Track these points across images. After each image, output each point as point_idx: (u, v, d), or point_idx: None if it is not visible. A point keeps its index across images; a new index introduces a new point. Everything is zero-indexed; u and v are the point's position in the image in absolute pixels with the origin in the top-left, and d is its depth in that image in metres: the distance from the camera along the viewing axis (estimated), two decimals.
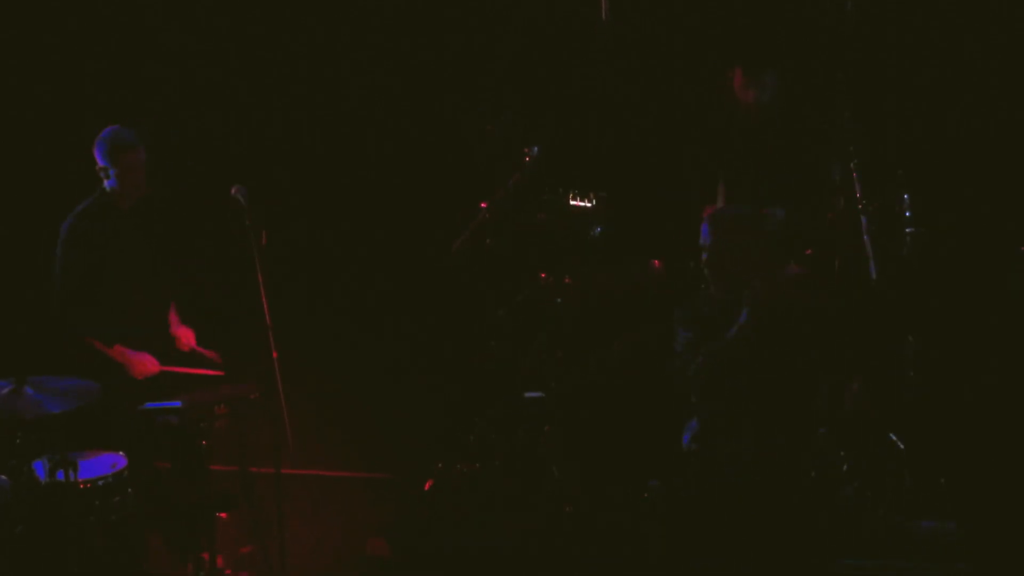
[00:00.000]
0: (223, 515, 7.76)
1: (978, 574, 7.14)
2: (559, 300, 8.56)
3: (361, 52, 9.68)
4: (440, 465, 8.57)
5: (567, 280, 8.51)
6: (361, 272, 9.68)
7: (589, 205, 8.55)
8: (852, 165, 8.23)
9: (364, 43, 9.67)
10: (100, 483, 7.17)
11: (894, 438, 7.89)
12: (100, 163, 8.02)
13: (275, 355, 7.67)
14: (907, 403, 7.90)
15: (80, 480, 7.04)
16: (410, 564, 7.88)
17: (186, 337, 8.25)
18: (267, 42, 9.74)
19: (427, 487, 8.49)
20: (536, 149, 8.47)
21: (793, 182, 8.35)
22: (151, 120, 8.38)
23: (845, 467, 7.49)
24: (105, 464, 7.30)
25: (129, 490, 7.28)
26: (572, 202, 8.56)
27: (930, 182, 8.58)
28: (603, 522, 7.85)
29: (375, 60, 9.67)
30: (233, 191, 7.75)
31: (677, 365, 6.86)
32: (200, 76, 9.73)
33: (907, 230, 8.29)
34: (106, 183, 8.05)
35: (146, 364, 8.03)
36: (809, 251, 8.21)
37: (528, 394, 8.61)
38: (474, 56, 9.54)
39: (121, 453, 7.41)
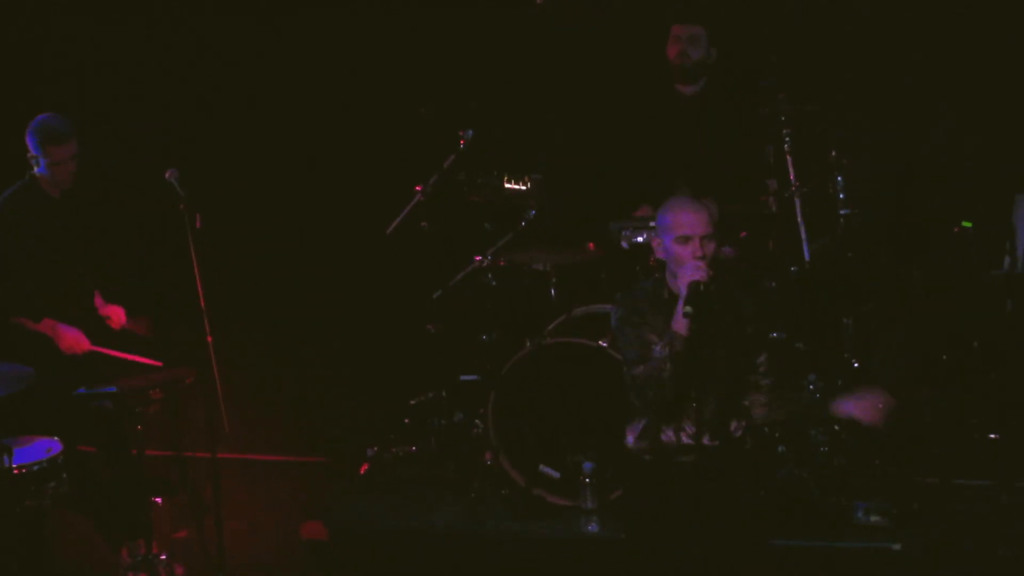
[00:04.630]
0: (158, 500, 7.74)
1: (912, 555, 7.22)
2: (493, 283, 8.56)
3: (292, 33, 9.64)
4: (375, 448, 8.56)
5: (502, 262, 8.51)
6: (296, 255, 9.67)
7: (524, 188, 8.55)
8: (785, 147, 8.27)
9: (294, 24, 9.63)
10: (35, 468, 7.10)
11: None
12: (31, 151, 7.97)
13: (210, 339, 7.64)
14: (843, 385, 7.96)
15: (14, 465, 6.98)
16: (346, 547, 7.86)
17: (116, 315, 8.22)
18: (199, 24, 9.69)
19: (362, 471, 8.48)
20: (471, 132, 8.46)
21: (726, 165, 8.39)
22: (85, 103, 8.28)
23: (780, 448, 7.55)
24: (40, 449, 7.23)
25: (64, 475, 7.23)
26: (507, 184, 8.56)
27: (863, 163, 8.66)
28: (539, 503, 7.87)
29: (307, 41, 9.63)
30: (167, 174, 7.70)
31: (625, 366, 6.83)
32: (133, 58, 9.68)
33: (840, 212, 8.36)
34: (36, 170, 8.01)
35: (75, 339, 7.98)
36: (744, 234, 8.25)
37: (464, 377, 8.62)
38: (408, 38, 9.52)
39: (56, 438, 7.35)
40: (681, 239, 6.61)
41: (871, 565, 7.28)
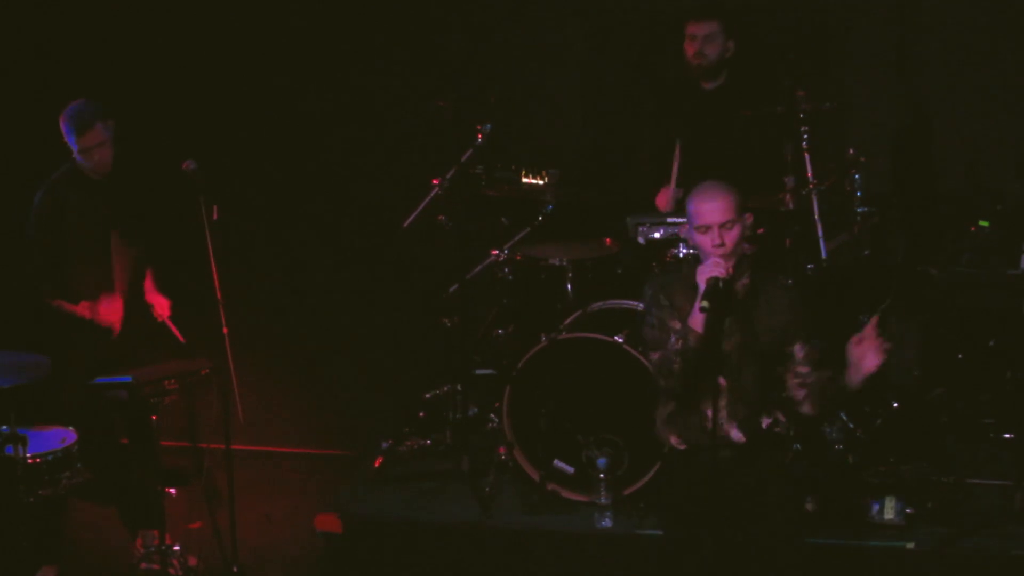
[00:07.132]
0: (172, 491, 7.75)
1: (925, 554, 7.22)
2: (510, 277, 8.56)
3: (311, 24, 9.64)
4: (390, 442, 8.56)
5: (518, 257, 8.50)
6: (312, 248, 9.67)
7: (541, 182, 8.55)
8: (803, 144, 8.25)
9: (313, 15, 9.63)
10: (49, 458, 7.14)
11: (844, 417, 7.94)
12: (66, 138, 7.95)
13: (225, 330, 7.65)
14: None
15: (29, 455, 7.01)
16: (360, 540, 7.87)
17: (160, 306, 8.20)
18: (218, 17, 9.70)
19: (377, 464, 8.48)
20: (489, 126, 8.46)
21: (744, 161, 8.38)
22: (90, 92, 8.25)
23: (795, 447, 7.54)
24: (55, 439, 7.27)
25: (78, 465, 7.26)
26: (524, 179, 8.56)
27: (880, 161, 8.67)
28: (553, 497, 7.87)
29: (325, 33, 9.63)
30: (185, 165, 7.72)
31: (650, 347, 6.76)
32: (152, 48, 9.69)
33: (858, 209, 8.34)
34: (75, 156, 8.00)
35: (111, 309, 7.96)
36: (761, 230, 8.23)
37: (479, 371, 8.62)
38: (427, 30, 9.51)
39: (71, 428, 7.37)
40: (701, 228, 6.52)
41: (884, 564, 7.27)
